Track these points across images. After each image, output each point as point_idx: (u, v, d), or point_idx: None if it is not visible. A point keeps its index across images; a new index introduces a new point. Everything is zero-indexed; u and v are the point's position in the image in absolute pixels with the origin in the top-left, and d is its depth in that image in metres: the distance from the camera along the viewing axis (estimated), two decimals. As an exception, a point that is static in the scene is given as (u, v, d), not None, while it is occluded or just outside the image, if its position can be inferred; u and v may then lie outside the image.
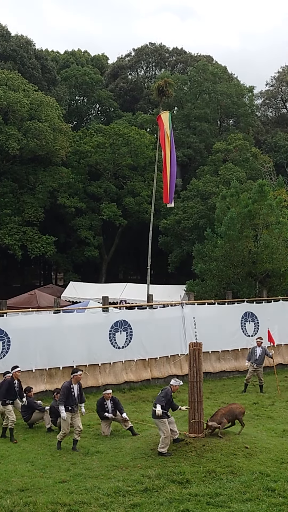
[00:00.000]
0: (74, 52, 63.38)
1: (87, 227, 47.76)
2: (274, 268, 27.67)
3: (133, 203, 47.85)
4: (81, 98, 61.69)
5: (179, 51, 65.36)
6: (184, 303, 23.37)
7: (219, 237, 28.83)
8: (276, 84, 63.78)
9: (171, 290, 35.99)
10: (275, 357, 24.46)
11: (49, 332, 19.82)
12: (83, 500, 10.40)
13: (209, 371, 22.54)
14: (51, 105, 45.00)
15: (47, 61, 53.21)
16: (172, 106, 53.15)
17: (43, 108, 43.87)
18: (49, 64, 53.52)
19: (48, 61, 53.99)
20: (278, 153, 53.12)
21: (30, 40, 52.03)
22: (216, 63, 59.39)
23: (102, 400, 15.37)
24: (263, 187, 28.41)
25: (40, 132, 42.34)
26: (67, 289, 40.19)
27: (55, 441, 14.50)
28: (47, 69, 52.71)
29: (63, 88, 55.12)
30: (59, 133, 44.99)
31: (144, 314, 22.42)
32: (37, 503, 10.26)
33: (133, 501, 10.38)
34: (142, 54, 64.83)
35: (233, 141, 47.07)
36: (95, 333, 20.68)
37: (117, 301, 34.66)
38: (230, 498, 10.45)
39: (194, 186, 43.84)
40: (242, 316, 23.91)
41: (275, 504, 10.20)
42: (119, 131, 49.07)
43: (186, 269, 41.37)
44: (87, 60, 63.87)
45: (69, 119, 58.44)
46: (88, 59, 64.45)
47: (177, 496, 10.53)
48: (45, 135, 42.55)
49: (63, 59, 61.64)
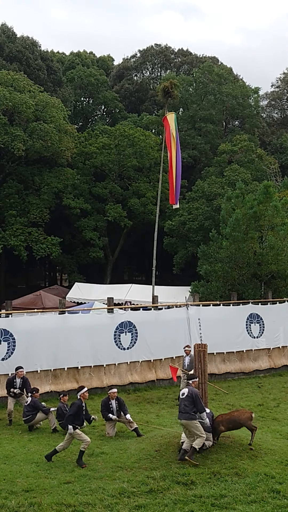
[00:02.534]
0: (80, 53, 63.48)
1: (92, 228, 47.80)
2: (279, 270, 27.62)
3: (138, 204, 47.88)
4: (87, 99, 61.78)
5: (184, 52, 65.42)
6: (189, 304, 23.35)
7: (224, 239, 28.79)
8: (281, 86, 63.80)
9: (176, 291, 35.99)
10: (280, 359, 24.46)
11: (54, 333, 19.83)
12: (88, 501, 10.40)
13: (214, 372, 22.52)
14: (57, 106, 45.08)
15: (52, 62, 53.32)
16: (178, 107, 53.20)
17: (48, 109, 43.95)
18: (54, 65, 53.62)
19: (54, 62, 54.10)
20: (283, 155, 53.10)
21: (35, 42, 52.20)
22: (222, 64, 59.44)
23: (107, 400, 15.31)
24: (269, 188, 28.37)
25: (45, 133, 42.41)
26: (72, 290, 40.23)
27: (59, 442, 14.50)
28: (53, 70, 52.81)
29: (69, 89, 55.24)
30: (64, 134, 45.06)
31: (149, 315, 22.41)
32: (42, 504, 10.27)
33: (138, 502, 10.37)
34: (147, 55, 64.94)
35: (238, 143, 47.07)
36: (100, 334, 20.68)
37: (122, 302, 34.68)
38: (235, 500, 10.43)
39: (199, 188, 43.85)
40: (247, 318, 23.87)
41: (280, 506, 10.18)
42: (124, 132, 49.13)
43: (191, 270, 41.35)
44: (93, 61, 63.96)
45: (75, 120, 58.54)
46: (94, 60, 64.54)
47: (182, 498, 10.52)
48: (50, 136, 42.62)
49: (69, 60, 61.77)
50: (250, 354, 23.70)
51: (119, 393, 20.12)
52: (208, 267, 29.43)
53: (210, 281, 29.51)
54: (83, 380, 20.06)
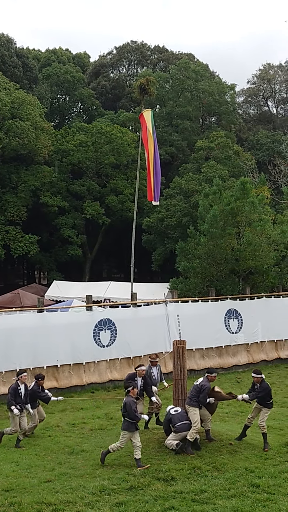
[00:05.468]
0: (56, 51, 63.15)
1: (70, 226, 47.68)
2: (256, 265, 27.79)
3: (116, 201, 47.85)
4: (63, 97, 61.51)
5: (160, 49, 65.42)
6: (168, 301, 23.39)
7: (202, 235, 28.90)
8: (257, 82, 64.08)
9: (154, 288, 36.06)
10: (258, 354, 24.61)
11: (33, 331, 19.74)
12: (68, 499, 10.38)
13: (193, 368, 22.58)
14: (33, 104, 44.85)
15: (28, 60, 52.98)
16: (154, 104, 53.19)
17: (24, 107, 43.71)
18: (30, 62, 53.28)
19: (30, 59, 53.76)
20: (260, 151, 53.36)
21: (11, 38, 51.79)
22: (198, 61, 59.55)
23: (134, 375, 14.66)
24: (245, 184, 28.53)
25: (22, 130, 42.17)
26: (51, 288, 40.09)
27: (40, 441, 14.48)
28: (29, 68, 52.47)
29: (45, 87, 54.94)
30: (41, 132, 44.86)
31: (128, 312, 22.41)
32: (22, 503, 10.23)
33: (118, 499, 10.38)
34: (123, 52, 64.82)
35: (215, 139, 47.24)
36: (79, 332, 20.63)
37: (101, 299, 34.65)
38: (215, 495, 10.49)
39: (177, 184, 43.93)
40: (226, 313, 23.96)
41: (259, 500, 10.26)
42: (101, 129, 49.03)
43: (169, 267, 41.46)
44: (69, 58, 63.69)
45: (51, 118, 58.27)
46: (70, 58, 64.27)
47: (162, 494, 10.55)
48: (27, 134, 42.40)
49: (45, 58, 61.41)
50: (229, 350, 23.82)
51: (99, 391, 20.20)
52: (187, 263, 29.51)
53: (189, 278, 29.61)
54: (63, 378, 20.03)
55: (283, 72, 63.90)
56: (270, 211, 32.00)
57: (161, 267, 45.61)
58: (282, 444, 13.07)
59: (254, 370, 13.70)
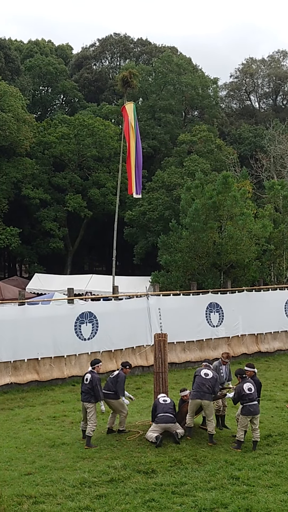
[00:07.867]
0: (38, 42, 62.74)
1: (51, 218, 47.50)
2: (238, 259, 27.89)
3: (98, 194, 47.74)
4: (45, 88, 61.15)
5: (143, 41, 65.24)
6: (150, 294, 23.43)
7: (184, 229, 28.94)
8: (240, 76, 64.21)
9: (136, 282, 36.10)
10: (239, 347, 24.73)
11: (14, 324, 19.67)
12: (49, 492, 10.39)
13: (175, 361, 22.66)
14: (15, 95, 44.54)
15: (10, 51, 52.55)
16: (137, 97, 53.08)
17: (6, 98, 43.38)
18: (12, 53, 52.87)
19: (11, 50, 53.34)
20: (242, 145, 53.53)
21: (-8, 29, 51.36)
22: (181, 54, 59.56)
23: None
24: (227, 178, 28.58)
25: (3, 122, 41.87)
26: (32, 281, 39.99)
27: (20, 434, 14.45)
28: (10, 59, 52.06)
29: (27, 78, 54.59)
30: (23, 124, 44.59)
31: (109, 305, 22.41)
32: (2, 495, 10.20)
33: (99, 492, 10.41)
34: (106, 45, 64.54)
35: (197, 133, 47.31)
36: (61, 325, 20.58)
37: (83, 292, 34.63)
38: (195, 487, 10.56)
39: (159, 178, 43.95)
40: (207, 307, 24.04)
41: (239, 492, 10.35)
42: (83, 122, 48.85)
43: (151, 261, 41.49)
44: (51, 50, 63.31)
45: (33, 110, 57.93)
46: (52, 49, 63.89)
47: (142, 486, 10.59)
48: (8, 126, 42.10)
49: (27, 49, 60.99)
50: (210, 343, 23.92)
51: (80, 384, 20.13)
52: (168, 257, 29.54)
53: (170, 271, 29.65)
54: (44, 371, 19.99)
55: (266, 66, 64.12)
56: (251, 205, 32.10)
57: (143, 260, 45.63)
58: (262, 436, 13.17)
59: (247, 364, 13.71)
